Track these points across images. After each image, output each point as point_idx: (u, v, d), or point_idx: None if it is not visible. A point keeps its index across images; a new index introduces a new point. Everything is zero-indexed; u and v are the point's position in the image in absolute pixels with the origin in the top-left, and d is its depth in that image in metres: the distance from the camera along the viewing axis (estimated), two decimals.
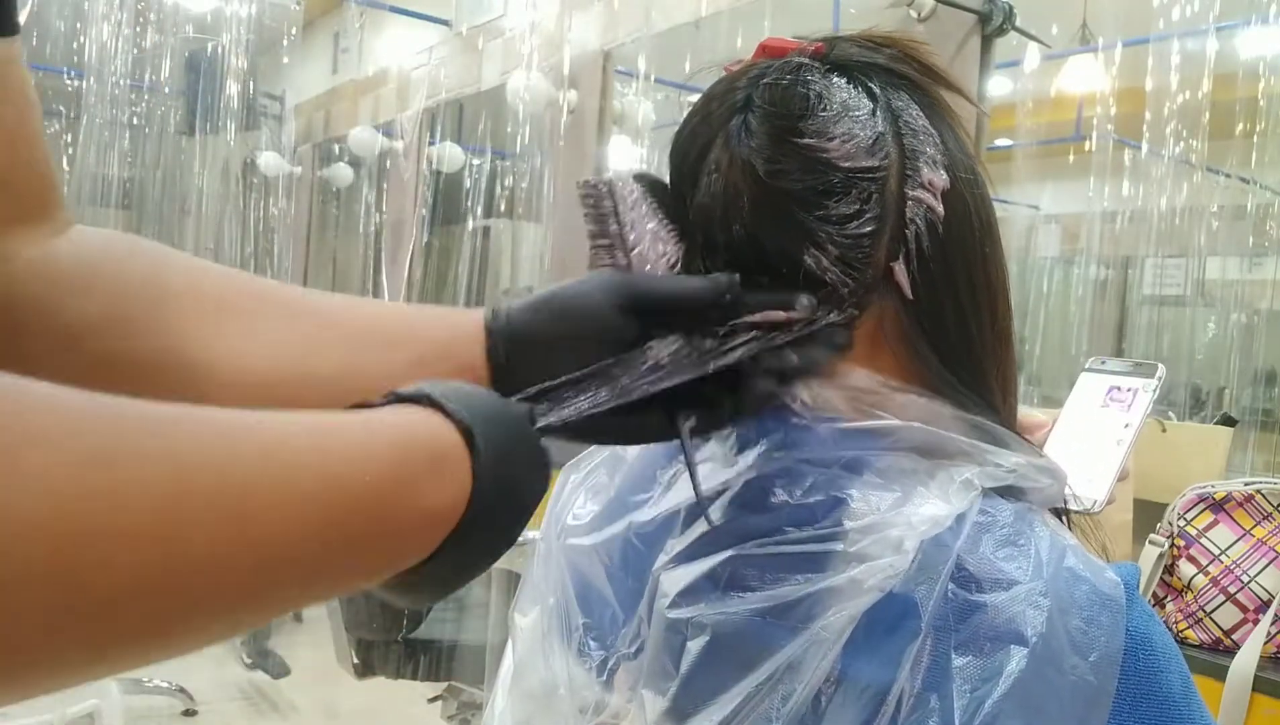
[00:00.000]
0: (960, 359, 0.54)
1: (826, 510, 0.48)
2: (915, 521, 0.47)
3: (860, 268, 0.51)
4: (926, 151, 0.53)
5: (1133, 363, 0.70)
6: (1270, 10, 2.34)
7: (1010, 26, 1.70)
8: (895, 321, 0.53)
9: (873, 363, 0.53)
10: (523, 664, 0.57)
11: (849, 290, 0.51)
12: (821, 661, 0.45)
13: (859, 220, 0.51)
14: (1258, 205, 2.71)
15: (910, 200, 0.52)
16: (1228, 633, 1.44)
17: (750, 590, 0.48)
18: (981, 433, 0.51)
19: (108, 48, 3.59)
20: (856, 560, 0.46)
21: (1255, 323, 2.87)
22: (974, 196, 0.54)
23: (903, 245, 0.52)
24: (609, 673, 0.52)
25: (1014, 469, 0.51)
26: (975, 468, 0.50)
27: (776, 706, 0.45)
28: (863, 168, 0.51)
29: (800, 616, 0.46)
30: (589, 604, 0.55)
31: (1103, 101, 2.63)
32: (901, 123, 0.53)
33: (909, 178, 0.52)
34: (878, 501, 0.48)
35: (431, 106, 3.53)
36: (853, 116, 0.51)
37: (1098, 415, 0.68)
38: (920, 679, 0.44)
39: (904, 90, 0.54)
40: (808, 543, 0.47)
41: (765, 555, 0.48)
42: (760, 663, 0.46)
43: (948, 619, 0.45)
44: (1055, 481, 0.53)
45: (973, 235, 0.54)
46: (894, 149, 0.52)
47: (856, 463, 0.49)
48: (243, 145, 4.19)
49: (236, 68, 3.79)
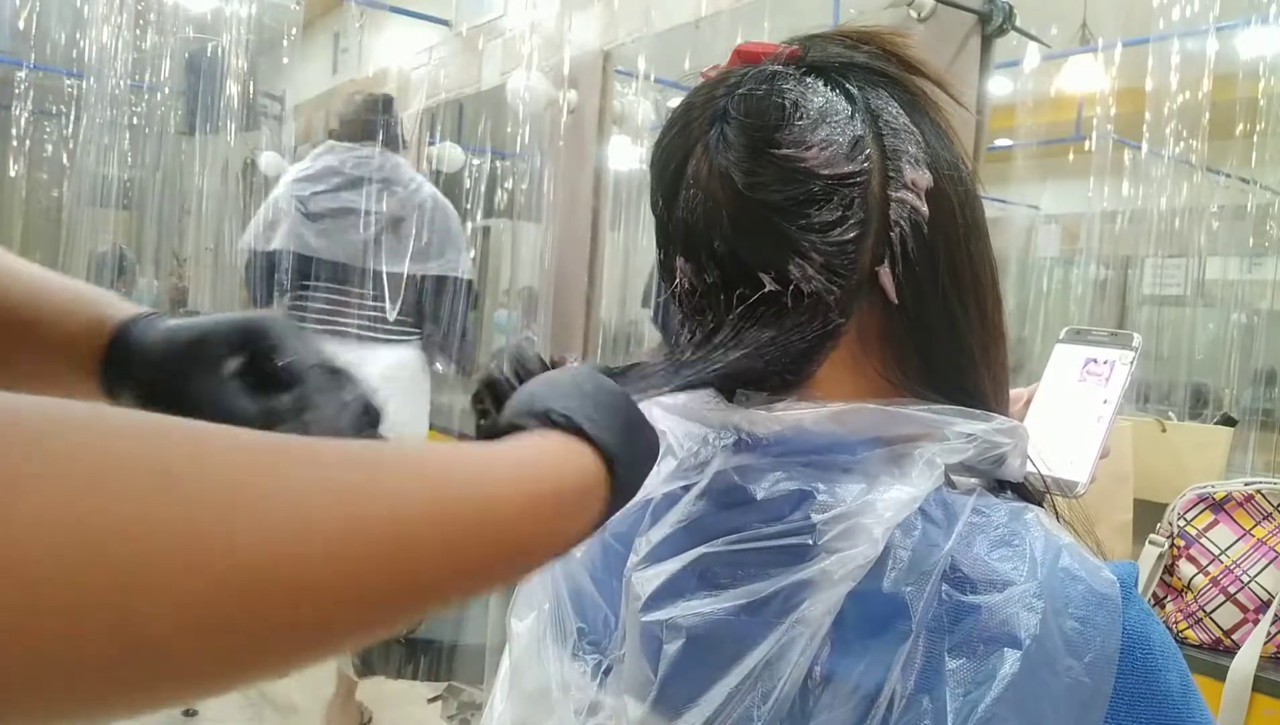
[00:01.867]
0: (949, 359, 0.53)
1: (794, 504, 0.48)
2: (881, 508, 0.47)
3: (845, 275, 0.51)
4: (908, 150, 0.52)
5: (1109, 332, 0.68)
6: (1270, 10, 2.34)
7: (1010, 26, 1.70)
8: (881, 325, 0.52)
9: (856, 368, 0.53)
10: (519, 668, 0.57)
11: (834, 298, 0.51)
12: (800, 656, 0.45)
13: (842, 227, 0.50)
14: (1258, 205, 2.71)
15: (894, 202, 0.51)
16: (1228, 633, 1.44)
17: (723, 588, 0.47)
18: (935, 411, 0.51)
19: (108, 48, 3.59)
20: (826, 552, 0.46)
21: (1255, 323, 2.87)
22: (958, 193, 0.54)
23: (887, 248, 0.51)
24: (603, 675, 0.52)
25: (973, 436, 0.50)
26: (936, 446, 0.49)
27: (757, 704, 0.45)
28: (843, 174, 0.50)
29: (775, 611, 0.46)
30: (582, 608, 0.55)
31: (1103, 101, 2.63)
32: (881, 122, 0.52)
33: (891, 179, 0.51)
34: (844, 492, 0.48)
35: (431, 106, 3.53)
36: (831, 121, 0.51)
37: (1075, 391, 0.67)
38: (913, 680, 0.44)
39: (883, 88, 0.54)
40: (777, 538, 0.47)
41: (735, 552, 0.48)
42: (738, 660, 0.46)
43: (941, 620, 0.45)
44: (1016, 442, 0.52)
45: (957, 233, 0.53)
46: (875, 150, 0.51)
47: (820, 456, 0.49)
48: (243, 145, 4.19)
49: (236, 68, 3.79)
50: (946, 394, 0.53)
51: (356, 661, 2.24)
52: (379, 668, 2.23)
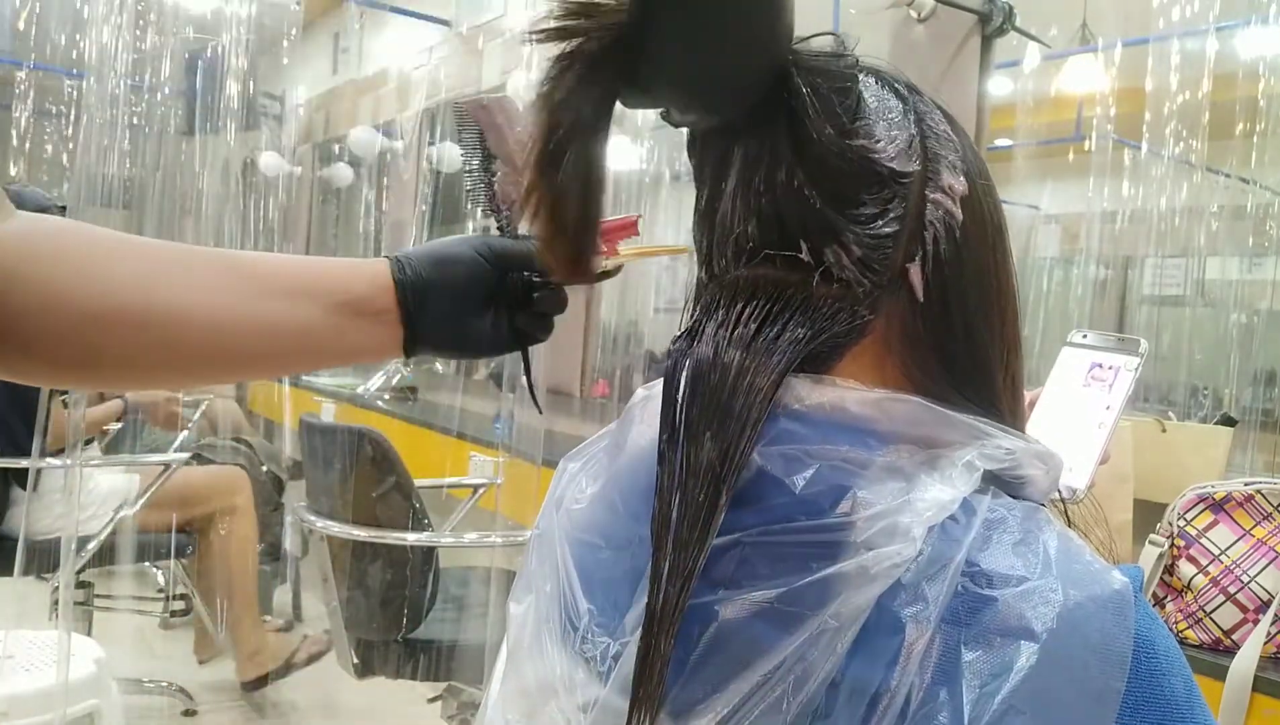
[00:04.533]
0: (968, 364, 0.54)
1: (832, 500, 0.48)
2: (920, 508, 0.47)
3: (879, 269, 0.51)
4: (948, 157, 0.53)
5: (1116, 337, 0.68)
6: (1270, 10, 2.34)
7: (1010, 26, 1.71)
8: (905, 324, 0.53)
9: (879, 365, 0.53)
10: (517, 655, 0.57)
11: (864, 291, 0.51)
12: (831, 655, 0.45)
13: (884, 220, 0.51)
14: (1258, 205, 2.70)
15: (930, 203, 0.52)
16: (1228, 633, 1.44)
17: (760, 578, 0.47)
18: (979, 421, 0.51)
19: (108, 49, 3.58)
20: (864, 548, 0.46)
21: (1255, 323, 2.86)
22: (988, 203, 0.55)
23: (920, 247, 0.52)
24: (612, 660, 0.51)
25: (1012, 451, 0.51)
26: (974, 450, 0.50)
27: (789, 695, 0.45)
28: (900, 171, 0.51)
29: (809, 604, 0.46)
30: (592, 589, 0.55)
31: (1103, 101, 2.63)
32: (925, 126, 0.54)
33: (930, 181, 0.53)
34: (884, 490, 0.48)
35: (431, 106, 3.53)
36: (888, 118, 0.52)
37: (1079, 395, 0.67)
38: (929, 674, 0.44)
39: (923, 95, 0.55)
40: (815, 532, 0.47)
41: (771, 543, 0.48)
42: (768, 653, 0.46)
43: (958, 613, 0.45)
44: (1049, 470, 0.53)
45: (986, 241, 0.54)
46: (920, 152, 0.53)
47: (859, 453, 0.49)
48: (243, 145, 4.19)
49: (236, 68, 3.79)
50: (964, 397, 0.53)
51: (356, 662, 2.24)
52: (379, 668, 2.22)
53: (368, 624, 2.21)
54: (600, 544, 0.55)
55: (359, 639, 2.23)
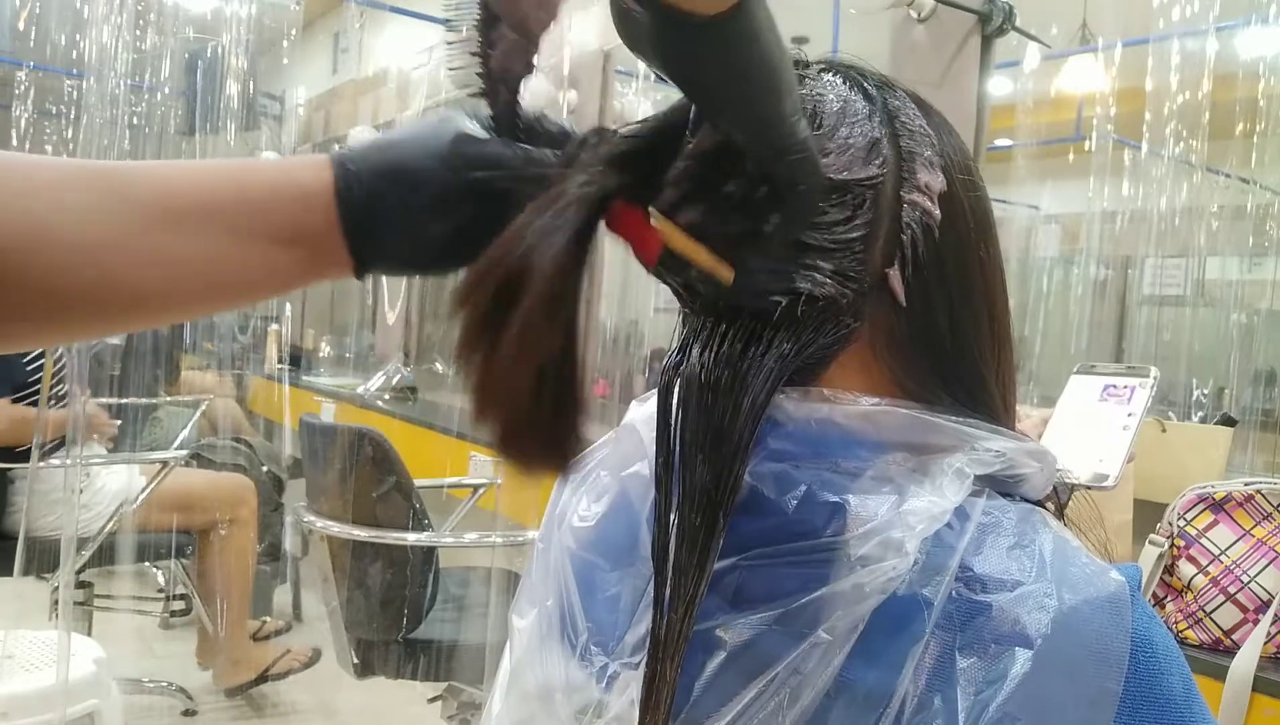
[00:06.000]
0: (957, 365, 0.53)
1: (825, 516, 0.47)
2: (913, 521, 0.46)
3: (856, 277, 0.50)
4: (923, 153, 0.52)
5: (1125, 367, 0.70)
6: (1270, 10, 2.35)
7: (1010, 26, 1.71)
8: (890, 328, 0.52)
9: (866, 371, 0.52)
10: (520, 666, 0.57)
11: (846, 301, 0.50)
12: (826, 668, 0.45)
13: (847, 226, 0.49)
14: (1258, 205, 2.71)
15: (906, 204, 0.51)
16: (1228, 633, 1.43)
17: (757, 600, 0.47)
18: (968, 424, 0.51)
19: (108, 49, 3.58)
20: (859, 564, 0.46)
21: (1255, 323, 2.87)
22: (969, 198, 0.53)
23: (898, 250, 0.51)
24: (609, 679, 0.51)
25: (1003, 453, 0.50)
26: (964, 456, 0.49)
27: (784, 709, 0.45)
28: (857, 179, 0.50)
29: (806, 623, 0.46)
30: (593, 608, 0.55)
31: (1103, 101, 2.63)
32: (899, 123, 0.52)
33: (905, 180, 0.51)
34: (875, 504, 0.47)
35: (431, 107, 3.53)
36: (849, 121, 0.51)
37: (1097, 408, 0.69)
38: (924, 680, 0.44)
39: (900, 90, 0.54)
40: (810, 551, 0.47)
41: (768, 565, 0.48)
42: (765, 670, 0.46)
43: (952, 620, 0.45)
44: (1044, 467, 0.52)
45: (969, 238, 0.53)
46: (891, 152, 0.51)
47: (850, 464, 0.49)
48: (243, 145, 4.19)
49: (236, 68, 3.79)
50: (955, 398, 0.52)
51: (356, 662, 2.24)
52: (379, 668, 2.22)
53: (368, 624, 2.21)
54: (601, 563, 0.55)
55: (359, 639, 2.23)
